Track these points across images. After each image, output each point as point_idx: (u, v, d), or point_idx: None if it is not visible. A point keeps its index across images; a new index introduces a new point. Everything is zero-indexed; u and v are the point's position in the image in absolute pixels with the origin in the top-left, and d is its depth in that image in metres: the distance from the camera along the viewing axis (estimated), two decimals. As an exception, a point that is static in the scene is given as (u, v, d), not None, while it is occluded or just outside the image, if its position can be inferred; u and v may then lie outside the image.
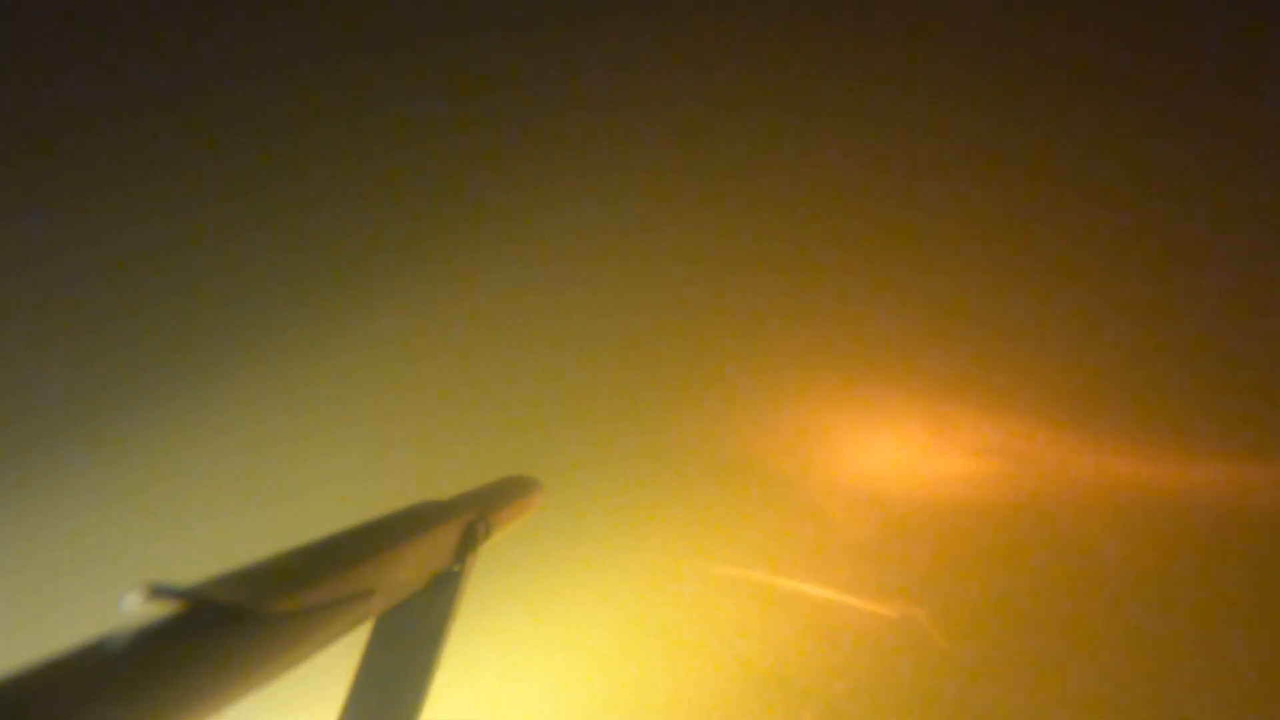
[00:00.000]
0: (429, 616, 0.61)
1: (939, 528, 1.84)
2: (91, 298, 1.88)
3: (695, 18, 1.93)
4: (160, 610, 0.39)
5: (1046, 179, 1.86)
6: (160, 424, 1.83)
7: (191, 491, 1.79)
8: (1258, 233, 1.82)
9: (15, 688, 0.32)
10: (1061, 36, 1.87)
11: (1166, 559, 1.76)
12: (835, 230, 1.89)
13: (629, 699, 1.80)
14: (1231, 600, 1.72)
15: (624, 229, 1.93)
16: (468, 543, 0.66)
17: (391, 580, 0.56)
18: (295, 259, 1.91)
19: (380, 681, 0.57)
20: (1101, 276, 1.86)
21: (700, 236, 1.91)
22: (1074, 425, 1.85)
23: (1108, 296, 1.86)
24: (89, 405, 1.83)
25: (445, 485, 0.75)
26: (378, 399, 1.87)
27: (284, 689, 0.47)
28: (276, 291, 1.89)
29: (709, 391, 1.92)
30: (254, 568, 0.46)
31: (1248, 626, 1.72)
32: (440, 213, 1.95)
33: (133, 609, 0.38)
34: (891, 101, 1.88)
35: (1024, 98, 1.87)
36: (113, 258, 1.88)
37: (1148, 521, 1.78)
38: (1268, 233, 1.82)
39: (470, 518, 0.68)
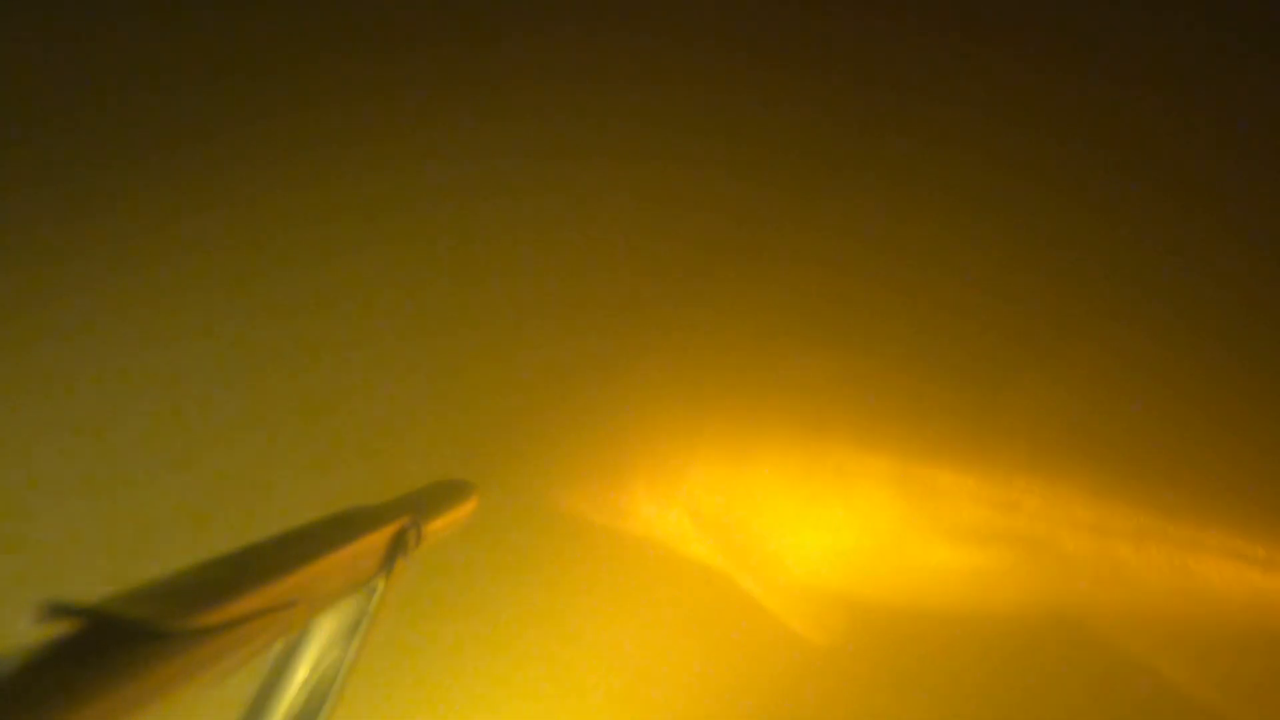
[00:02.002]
0: (346, 630, 0.58)
1: (929, 651, 1.32)
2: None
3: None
4: (56, 631, 0.36)
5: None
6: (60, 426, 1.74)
7: (105, 500, 1.70)
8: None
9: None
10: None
11: (1243, 692, 1.24)
12: (784, 244, 1.75)
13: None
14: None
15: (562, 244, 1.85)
16: (397, 551, 0.64)
17: (315, 593, 0.53)
18: (215, 243, 1.84)
19: (279, 701, 0.54)
20: (1134, 290, 1.38)
21: (641, 251, 1.83)
22: (1110, 496, 1.32)
23: (1142, 318, 1.36)
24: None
25: (375, 490, 0.72)
26: (302, 399, 1.80)
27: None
28: (183, 280, 1.81)
29: (621, 446, 1.57)
30: (163, 582, 0.43)
31: None
32: (369, 201, 1.91)
33: (26, 630, 0.35)
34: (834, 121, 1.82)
35: (1022, 136, 1.70)
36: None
37: (1218, 639, 1.27)
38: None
39: (402, 524, 0.66)
